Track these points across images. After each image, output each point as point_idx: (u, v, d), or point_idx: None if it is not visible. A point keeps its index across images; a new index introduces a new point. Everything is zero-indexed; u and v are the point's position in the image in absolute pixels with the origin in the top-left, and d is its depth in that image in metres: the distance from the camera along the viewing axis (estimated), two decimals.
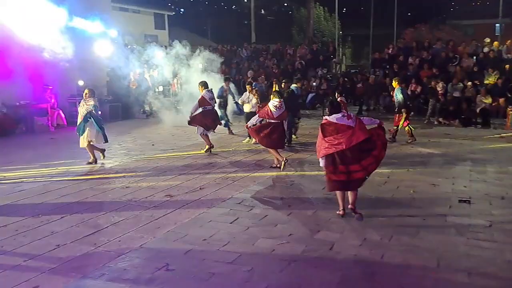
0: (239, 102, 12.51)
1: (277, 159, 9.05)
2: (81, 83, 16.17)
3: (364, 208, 6.59)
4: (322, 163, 6.18)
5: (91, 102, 9.63)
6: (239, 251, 5.11)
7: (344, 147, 5.92)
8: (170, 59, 16.39)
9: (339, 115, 6.12)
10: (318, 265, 4.76)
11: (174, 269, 4.68)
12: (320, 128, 6.25)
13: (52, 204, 6.87)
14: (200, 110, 10.61)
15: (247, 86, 12.10)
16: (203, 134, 10.70)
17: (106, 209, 6.61)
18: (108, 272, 4.62)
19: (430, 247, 5.19)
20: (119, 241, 5.41)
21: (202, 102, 10.58)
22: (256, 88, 12.53)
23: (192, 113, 10.62)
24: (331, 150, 5.99)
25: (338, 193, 6.24)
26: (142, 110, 17.28)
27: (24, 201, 7.06)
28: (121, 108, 16.93)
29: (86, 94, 9.80)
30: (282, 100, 9.13)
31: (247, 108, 11.96)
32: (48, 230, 5.75)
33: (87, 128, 9.53)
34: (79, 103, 10.22)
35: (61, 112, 15.29)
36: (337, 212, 6.23)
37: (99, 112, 10.26)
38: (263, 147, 9.33)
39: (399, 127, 11.64)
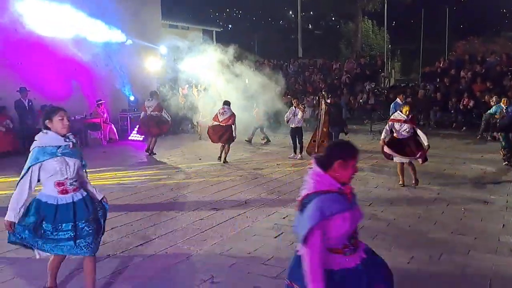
0: (285, 119, 12.44)
1: None
2: (132, 98, 16.72)
3: (412, 224, 6.47)
4: None
5: None
6: (283, 265, 5.09)
7: None
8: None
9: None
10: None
11: (219, 282, 4.73)
12: None
13: None
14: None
15: (294, 101, 12.12)
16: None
17: (154, 221, 6.77)
18: (155, 283, 4.72)
19: (481, 267, 5.00)
20: (166, 252, 5.53)
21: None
22: (304, 104, 12.53)
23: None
24: None
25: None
26: (190, 125, 17.58)
27: None
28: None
29: None
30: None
31: (293, 123, 11.91)
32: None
33: None
34: (131, 117, 10.55)
35: (113, 126, 15.83)
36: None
37: None
38: (309, 162, 9.24)
39: None
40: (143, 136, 15.05)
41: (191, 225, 6.58)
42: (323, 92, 12.47)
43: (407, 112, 8.54)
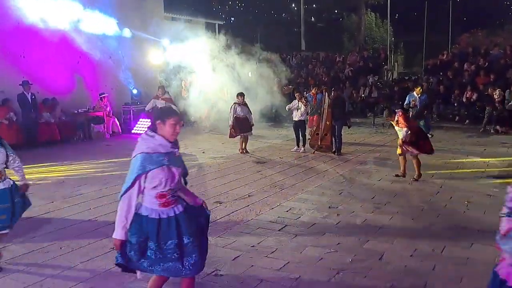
0: (286, 109, 12.57)
1: None
2: (135, 91, 16.72)
3: (415, 217, 6.48)
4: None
5: None
6: (286, 258, 5.13)
7: None
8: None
9: None
10: (367, 275, 4.71)
11: (222, 275, 4.76)
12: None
13: (107, 208, 7.14)
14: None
15: (296, 94, 12.12)
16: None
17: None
18: None
19: (485, 260, 5.00)
20: None
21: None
22: (305, 96, 12.52)
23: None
24: None
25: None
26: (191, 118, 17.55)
27: (81, 205, 7.37)
28: None
29: None
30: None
31: (295, 116, 11.94)
32: (104, 233, 5.98)
33: None
34: (134, 111, 10.58)
35: (116, 119, 15.84)
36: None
37: None
38: (312, 155, 9.26)
39: None
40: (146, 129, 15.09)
41: None
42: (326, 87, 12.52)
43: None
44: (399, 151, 8.63)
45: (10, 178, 5.00)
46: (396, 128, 8.63)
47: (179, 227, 3.47)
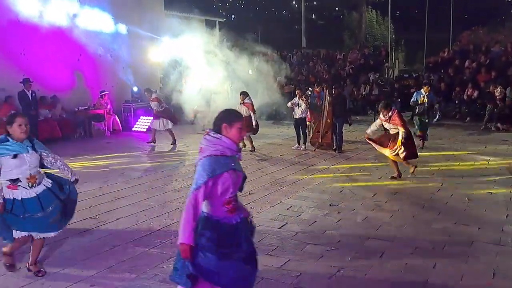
0: (288, 105, 12.53)
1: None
2: (135, 89, 16.71)
3: (416, 215, 6.48)
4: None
5: None
6: (287, 256, 5.13)
7: None
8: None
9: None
10: (367, 273, 4.71)
11: None
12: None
13: (108, 205, 7.15)
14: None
15: (297, 91, 12.10)
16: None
17: (159, 212, 6.80)
18: (161, 272, 4.75)
19: (486, 257, 5.01)
20: (171, 243, 5.56)
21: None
22: (306, 94, 12.50)
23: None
24: None
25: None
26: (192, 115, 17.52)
27: (82, 203, 7.36)
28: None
29: None
30: None
31: (296, 114, 11.93)
32: (105, 231, 5.99)
33: None
34: (134, 108, 10.57)
35: (116, 117, 15.84)
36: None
37: None
38: (313, 152, 9.23)
39: None
40: (146, 127, 15.12)
41: None
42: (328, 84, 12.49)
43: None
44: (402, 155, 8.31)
45: (47, 179, 4.75)
46: (385, 124, 8.60)
47: (242, 234, 3.43)
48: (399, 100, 17.73)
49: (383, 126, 8.72)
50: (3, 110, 12.55)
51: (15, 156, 4.39)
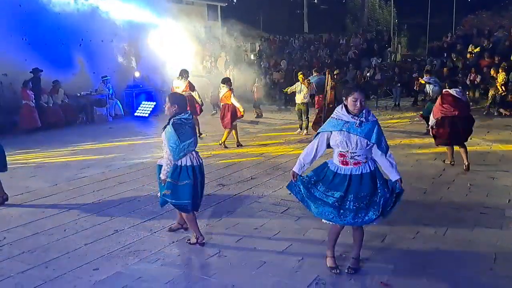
0: (288, 91, 12.50)
1: None
2: (137, 74, 16.67)
3: (417, 200, 6.49)
4: (433, 122, 8.04)
5: None
6: (289, 241, 5.16)
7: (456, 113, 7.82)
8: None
9: (458, 89, 7.94)
10: (369, 257, 4.73)
11: (225, 256, 4.79)
12: (440, 97, 8.11)
13: (110, 190, 7.18)
14: None
15: (300, 76, 12.04)
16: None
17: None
18: (163, 257, 4.79)
19: (487, 241, 5.03)
20: (172, 228, 5.58)
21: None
22: (309, 79, 12.44)
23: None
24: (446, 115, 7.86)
25: (448, 149, 8.34)
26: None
27: (85, 187, 7.40)
28: None
29: None
30: None
31: (298, 99, 11.89)
32: (108, 215, 6.02)
33: None
34: (136, 93, 10.54)
35: (118, 102, 15.83)
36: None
37: None
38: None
39: None
40: (148, 112, 15.13)
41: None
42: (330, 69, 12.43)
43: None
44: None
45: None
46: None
47: (349, 185, 4.07)
48: (399, 85, 17.67)
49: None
50: (24, 94, 12.63)
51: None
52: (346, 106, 4.17)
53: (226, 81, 10.52)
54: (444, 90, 8.21)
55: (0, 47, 12.57)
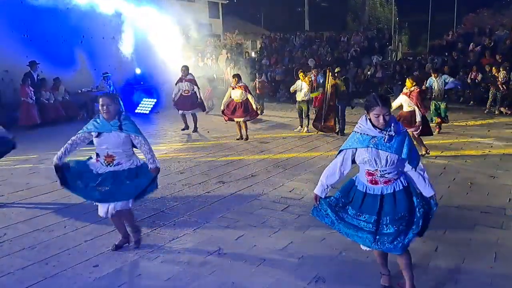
0: (290, 90, 12.49)
1: None
2: (138, 71, 16.66)
3: None
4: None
5: None
6: (289, 238, 5.16)
7: None
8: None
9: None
10: (369, 255, 4.73)
11: (226, 253, 4.79)
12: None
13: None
14: None
15: (300, 74, 12.03)
16: None
17: (161, 193, 6.82)
18: (163, 254, 4.80)
19: (487, 241, 5.03)
20: (174, 224, 5.60)
21: None
22: (309, 76, 12.42)
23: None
24: None
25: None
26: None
27: None
28: None
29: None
30: None
31: (299, 97, 11.89)
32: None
33: None
34: (137, 90, 10.54)
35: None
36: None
37: None
38: (315, 135, 9.22)
39: None
40: (149, 109, 15.12)
41: (197, 198, 6.64)
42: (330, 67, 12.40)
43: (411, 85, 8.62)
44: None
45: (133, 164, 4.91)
46: (403, 98, 8.65)
47: (381, 207, 3.68)
48: (399, 83, 17.64)
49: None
50: (23, 91, 12.64)
51: (98, 134, 4.64)
52: (370, 119, 3.67)
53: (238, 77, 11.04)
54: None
55: (1, 44, 12.58)
